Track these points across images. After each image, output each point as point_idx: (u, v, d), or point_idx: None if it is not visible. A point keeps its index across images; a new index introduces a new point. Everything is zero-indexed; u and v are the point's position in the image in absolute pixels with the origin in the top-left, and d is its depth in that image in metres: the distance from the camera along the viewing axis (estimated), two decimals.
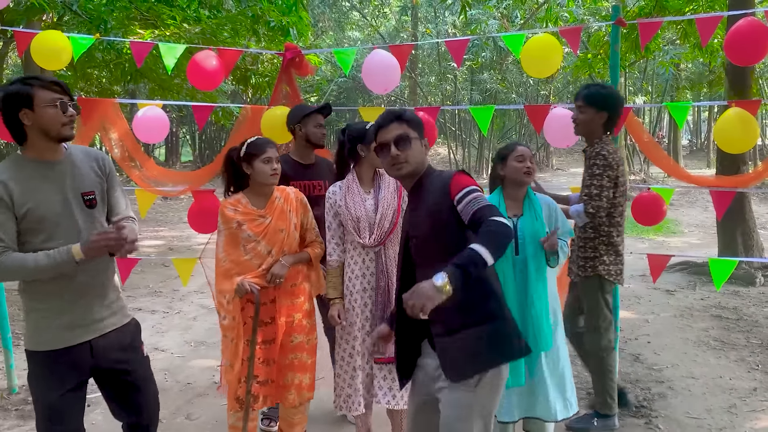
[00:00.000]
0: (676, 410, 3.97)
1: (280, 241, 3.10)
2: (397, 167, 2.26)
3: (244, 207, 3.09)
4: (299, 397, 3.19)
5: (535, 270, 2.98)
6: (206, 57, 4.23)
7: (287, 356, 3.17)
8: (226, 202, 3.12)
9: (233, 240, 3.08)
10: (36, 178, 2.31)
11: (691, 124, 37.11)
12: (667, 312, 6.23)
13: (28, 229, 2.30)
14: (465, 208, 2.11)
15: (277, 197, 3.16)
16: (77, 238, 2.33)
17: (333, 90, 24.41)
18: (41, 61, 4.08)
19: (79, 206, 2.39)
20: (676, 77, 17.58)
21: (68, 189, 2.37)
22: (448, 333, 2.18)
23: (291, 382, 3.17)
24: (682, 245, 10.05)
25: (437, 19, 21.78)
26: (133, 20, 7.23)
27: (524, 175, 3.02)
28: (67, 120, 2.31)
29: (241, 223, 3.05)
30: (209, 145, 29.76)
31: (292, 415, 3.27)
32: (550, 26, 10.22)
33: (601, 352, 3.58)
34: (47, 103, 2.26)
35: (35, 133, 2.30)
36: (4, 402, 4.19)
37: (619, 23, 4.07)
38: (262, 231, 3.07)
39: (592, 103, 3.40)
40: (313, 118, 3.73)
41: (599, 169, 3.35)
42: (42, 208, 2.30)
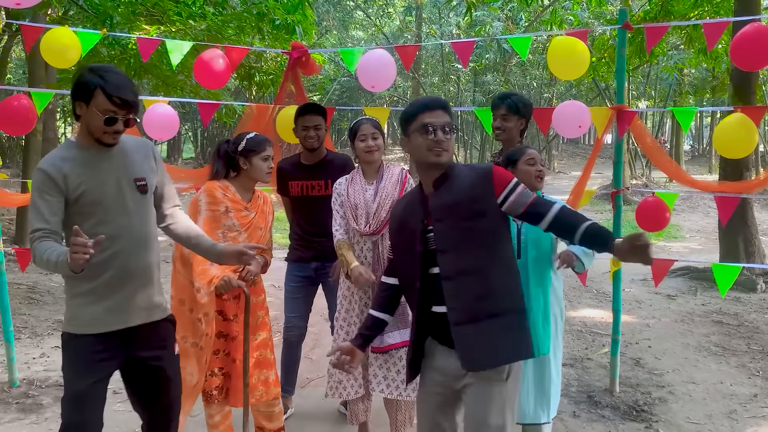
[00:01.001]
0: (676, 415, 3.97)
1: (257, 238, 3.13)
2: (438, 153, 2.19)
3: (232, 195, 3.08)
4: (267, 394, 3.20)
5: (535, 275, 2.97)
6: (213, 56, 4.23)
7: (253, 354, 3.16)
8: (216, 184, 3.08)
9: (215, 222, 3.04)
10: (90, 163, 2.32)
11: (693, 130, 37.10)
12: (668, 317, 6.22)
13: (81, 212, 2.29)
14: (518, 198, 2.17)
15: (258, 196, 3.22)
16: (128, 223, 2.36)
17: (336, 89, 24.42)
18: (50, 59, 4.09)
19: (132, 192, 2.40)
20: (680, 82, 17.57)
21: (122, 174, 2.38)
22: (470, 321, 2.14)
23: (258, 380, 3.18)
24: (683, 250, 10.05)
25: (441, 20, 21.77)
26: (138, 16, 7.23)
27: (536, 180, 3.01)
28: (110, 131, 2.29)
29: (230, 209, 3.05)
30: (211, 143, 29.80)
31: (267, 408, 3.25)
32: (555, 29, 10.22)
33: None
34: (99, 111, 2.24)
35: (83, 124, 2.31)
36: (5, 395, 4.19)
37: (625, 27, 4.07)
38: (246, 224, 3.09)
39: (515, 111, 3.51)
40: (299, 120, 3.69)
41: None
42: (97, 192, 2.31)
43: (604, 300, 6.82)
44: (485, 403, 2.16)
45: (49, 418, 3.89)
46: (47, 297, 6.83)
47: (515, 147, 3.21)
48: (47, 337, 5.53)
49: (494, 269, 2.17)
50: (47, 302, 6.65)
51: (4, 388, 4.31)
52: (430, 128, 2.17)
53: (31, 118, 4.12)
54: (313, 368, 4.72)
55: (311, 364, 4.80)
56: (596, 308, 6.61)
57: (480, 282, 2.14)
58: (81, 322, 2.36)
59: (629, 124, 4.11)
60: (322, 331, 5.34)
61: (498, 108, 3.55)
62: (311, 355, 5.01)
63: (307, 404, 4.12)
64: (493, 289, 2.16)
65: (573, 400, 4.17)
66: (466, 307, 2.14)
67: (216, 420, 3.17)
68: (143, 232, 2.44)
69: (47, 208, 2.24)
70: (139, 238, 2.42)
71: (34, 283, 7.33)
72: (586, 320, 6.14)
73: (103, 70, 2.26)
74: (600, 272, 7.65)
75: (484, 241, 2.15)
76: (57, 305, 6.55)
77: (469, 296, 2.12)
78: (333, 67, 20.81)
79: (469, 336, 2.13)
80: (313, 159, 3.76)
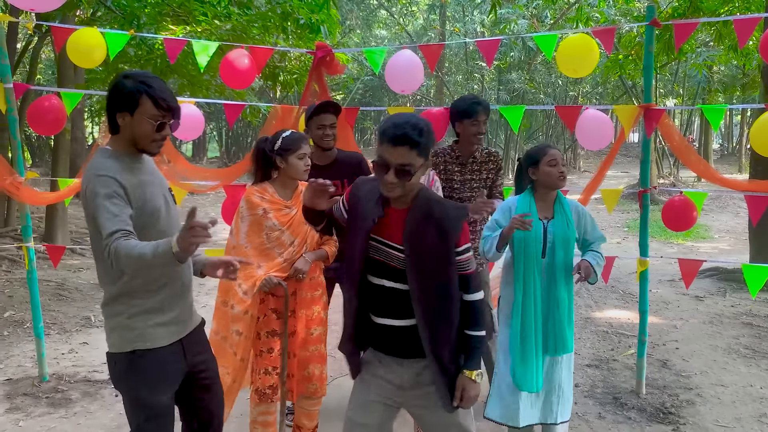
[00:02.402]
0: (704, 418, 3.91)
1: (303, 233, 3.13)
2: (388, 190, 2.13)
3: (270, 196, 3.11)
4: (321, 389, 3.23)
5: (562, 274, 2.97)
6: (239, 56, 4.27)
7: (308, 348, 3.21)
8: (253, 189, 3.14)
9: (257, 227, 3.09)
10: (136, 173, 2.26)
11: (722, 128, 36.44)
12: (696, 318, 6.12)
13: (143, 223, 2.22)
14: (463, 264, 2.20)
15: (302, 191, 3.19)
16: (168, 232, 2.29)
17: (359, 88, 24.46)
18: (76, 59, 4.16)
19: (172, 201, 2.40)
20: (709, 80, 17.26)
21: (160, 184, 2.35)
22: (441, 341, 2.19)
23: (312, 374, 3.21)
24: (712, 251, 9.88)
25: (465, 18, 21.68)
26: (165, 16, 7.31)
27: (558, 180, 3.00)
28: (159, 138, 2.25)
29: (267, 211, 3.07)
30: (236, 142, 30.04)
31: (311, 406, 3.29)
32: (581, 27, 10.11)
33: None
34: (147, 117, 2.19)
35: (126, 135, 2.24)
36: (36, 390, 4.27)
37: (653, 24, 4.01)
38: (287, 221, 3.10)
39: (488, 114, 3.72)
40: (314, 119, 3.64)
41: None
42: (153, 202, 2.26)
43: (630, 301, 6.73)
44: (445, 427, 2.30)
45: (77, 413, 3.96)
46: (75, 294, 6.95)
47: (536, 146, 3.19)
48: (75, 333, 5.62)
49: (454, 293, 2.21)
50: (75, 299, 6.76)
51: (34, 382, 4.39)
52: (382, 165, 2.08)
53: (61, 118, 4.20)
54: (335, 366, 4.73)
55: (334, 363, 4.80)
56: (622, 309, 6.52)
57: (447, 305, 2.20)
58: (153, 335, 2.27)
59: (657, 123, 4.05)
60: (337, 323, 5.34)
61: (480, 115, 3.67)
62: (335, 353, 5.00)
63: (330, 401, 4.12)
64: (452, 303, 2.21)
65: (598, 402, 4.12)
66: (436, 328, 2.18)
67: (269, 419, 3.18)
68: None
69: (120, 210, 2.09)
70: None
71: (63, 279, 7.47)
72: (612, 321, 6.07)
73: (142, 75, 2.21)
74: (626, 273, 7.55)
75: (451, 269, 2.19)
76: (85, 302, 6.66)
77: (439, 318, 2.18)
78: (356, 66, 20.85)
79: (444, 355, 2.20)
80: (325, 159, 3.71)
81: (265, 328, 3.13)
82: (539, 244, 2.97)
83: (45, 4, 3.95)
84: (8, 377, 4.52)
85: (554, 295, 2.96)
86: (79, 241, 10.17)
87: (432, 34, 23.27)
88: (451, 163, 3.77)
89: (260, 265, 3.06)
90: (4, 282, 7.26)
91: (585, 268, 2.95)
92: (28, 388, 4.30)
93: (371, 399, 2.30)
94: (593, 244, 3.11)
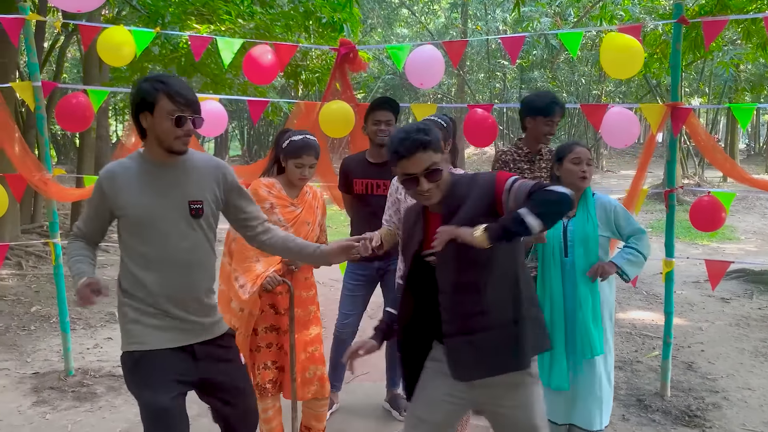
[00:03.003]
0: (731, 421, 3.84)
1: (305, 233, 3.13)
2: (426, 198, 2.12)
3: (277, 192, 3.11)
4: (323, 389, 3.21)
5: (583, 274, 2.91)
6: (262, 52, 4.29)
7: (307, 349, 3.19)
8: (261, 182, 3.12)
9: None
10: (149, 180, 2.31)
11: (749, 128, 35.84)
12: (722, 320, 6.03)
13: (127, 229, 2.33)
14: (517, 193, 2.02)
15: (306, 192, 3.22)
16: (175, 246, 2.31)
17: (380, 87, 24.47)
18: (106, 57, 4.21)
19: (184, 214, 2.34)
20: (736, 78, 16.96)
21: (177, 195, 2.33)
22: (462, 333, 2.12)
23: (314, 375, 3.19)
24: (738, 252, 9.72)
25: (487, 16, 21.58)
26: (189, 15, 7.38)
27: (580, 180, 2.94)
28: (182, 134, 2.25)
29: (275, 206, 3.07)
30: (257, 140, 30.23)
31: (318, 408, 3.28)
32: (605, 24, 10.00)
33: None
34: (165, 114, 2.22)
35: (152, 137, 2.29)
36: (62, 383, 4.34)
37: (681, 21, 3.95)
38: (292, 219, 3.10)
39: (563, 116, 3.67)
40: (371, 115, 3.70)
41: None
42: (145, 213, 2.29)
43: (655, 302, 6.65)
44: (527, 407, 2.17)
45: (102, 407, 4.01)
46: None
47: (565, 143, 3.15)
48: (100, 328, 5.70)
49: (490, 283, 2.11)
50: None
51: (61, 376, 4.46)
52: (411, 182, 2.09)
53: (88, 116, 4.26)
54: (358, 364, 4.72)
55: (356, 361, 4.81)
56: (647, 310, 6.44)
57: (474, 296, 2.11)
58: (149, 338, 2.32)
59: (684, 122, 3.98)
60: (367, 327, 5.33)
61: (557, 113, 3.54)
62: None
63: (352, 400, 4.14)
64: (488, 303, 2.11)
65: (622, 404, 4.07)
66: (459, 321, 2.12)
67: (270, 414, 3.19)
68: (191, 258, 2.36)
69: (90, 212, 2.38)
70: (185, 263, 2.35)
71: None
72: (635, 322, 5.99)
73: (159, 77, 2.26)
74: (650, 274, 7.46)
75: (480, 258, 2.06)
76: (110, 297, 6.69)
77: (462, 310, 2.10)
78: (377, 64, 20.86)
79: (460, 348, 2.12)
80: (380, 157, 3.72)
81: (263, 324, 3.11)
82: (560, 242, 2.93)
83: (87, 4, 4.01)
84: (35, 371, 4.60)
85: (578, 294, 2.91)
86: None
87: (453, 33, 23.19)
88: (519, 161, 3.66)
89: (259, 258, 3.02)
90: (31, 277, 7.38)
91: (600, 268, 2.89)
92: (54, 381, 4.37)
93: (436, 396, 2.25)
94: (630, 238, 3.00)
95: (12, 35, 4.14)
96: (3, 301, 6.23)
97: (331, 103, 4.39)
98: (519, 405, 2.16)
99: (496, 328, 2.12)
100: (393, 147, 2.08)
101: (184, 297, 2.37)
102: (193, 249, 2.36)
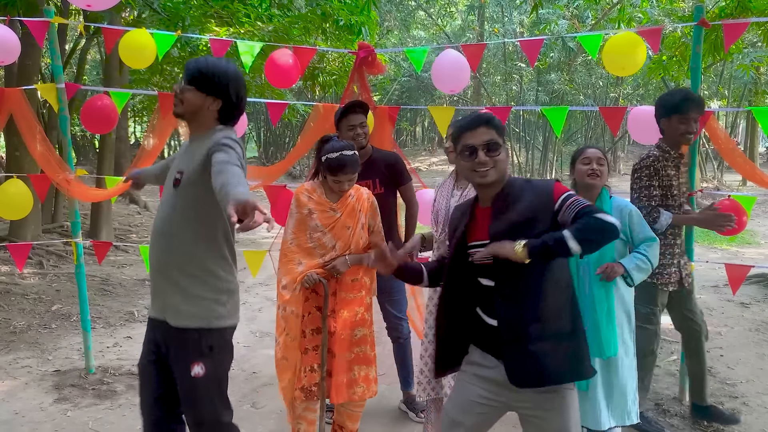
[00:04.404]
0: (750, 427, 3.81)
1: (345, 237, 3.14)
2: (482, 174, 2.14)
3: (318, 197, 3.14)
4: (368, 391, 3.20)
5: (598, 275, 2.92)
6: (283, 55, 4.33)
7: (353, 350, 3.19)
8: (303, 187, 3.20)
9: (302, 225, 3.15)
10: (180, 152, 2.55)
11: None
12: (742, 325, 5.96)
13: None
14: (568, 209, 2.06)
15: (351, 195, 3.20)
16: (161, 215, 2.44)
17: (396, 90, 24.49)
18: (128, 59, 4.28)
19: (170, 183, 2.44)
20: (756, 81, 16.78)
21: (175, 165, 2.50)
22: (521, 339, 2.09)
23: (359, 376, 3.18)
24: (759, 257, 9.61)
25: (504, 19, 21.52)
26: (209, 18, 7.45)
27: (588, 178, 2.99)
28: (177, 100, 2.42)
29: (312, 211, 3.11)
30: (274, 142, 30.34)
31: (355, 408, 3.30)
32: (623, 27, 9.94)
33: (638, 352, 3.52)
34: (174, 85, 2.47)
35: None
36: (82, 381, 4.40)
37: (702, 24, 3.92)
38: (330, 224, 3.12)
39: (702, 112, 3.48)
40: (343, 121, 3.64)
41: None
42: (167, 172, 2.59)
43: None
44: (563, 412, 2.14)
45: (122, 405, 4.06)
46: (119, 289, 7.12)
47: (578, 148, 3.19)
48: (120, 327, 5.77)
49: (548, 290, 2.12)
50: (119, 294, 6.93)
51: (81, 374, 4.53)
52: (473, 151, 2.14)
53: (113, 118, 4.33)
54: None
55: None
56: (665, 314, 6.37)
57: (533, 303, 2.10)
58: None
59: (704, 125, 3.96)
60: (382, 329, 5.36)
61: (693, 110, 3.43)
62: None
63: (368, 401, 4.12)
64: (546, 310, 2.11)
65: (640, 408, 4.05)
66: (518, 326, 2.10)
67: (311, 417, 3.21)
68: (167, 228, 2.38)
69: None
70: (161, 233, 2.40)
71: (107, 275, 7.66)
72: None
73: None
74: None
75: (539, 264, 2.08)
76: (129, 297, 6.82)
77: (522, 316, 2.09)
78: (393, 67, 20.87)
79: (519, 354, 2.10)
80: (360, 158, 3.74)
81: (311, 326, 3.16)
82: None
83: (101, 3, 4.07)
84: (57, 368, 4.67)
85: (591, 296, 2.92)
86: (123, 237, 10.42)
87: (470, 35, 23.15)
88: (666, 166, 3.47)
89: (301, 261, 3.09)
90: (52, 276, 7.48)
91: (609, 268, 2.88)
92: (75, 379, 4.44)
93: (471, 399, 2.26)
94: (641, 245, 3.02)
95: (38, 37, 4.23)
96: (25, 300, 6.33)
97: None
98: (555, 410, 2.16)
99: (554, 337, 2.11)
100: (459, 124, 2.22)
101: (160, 268, 2.41)
102: (167, 218, 2.39)
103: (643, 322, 3.56)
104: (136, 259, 8.80)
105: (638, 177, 3.50)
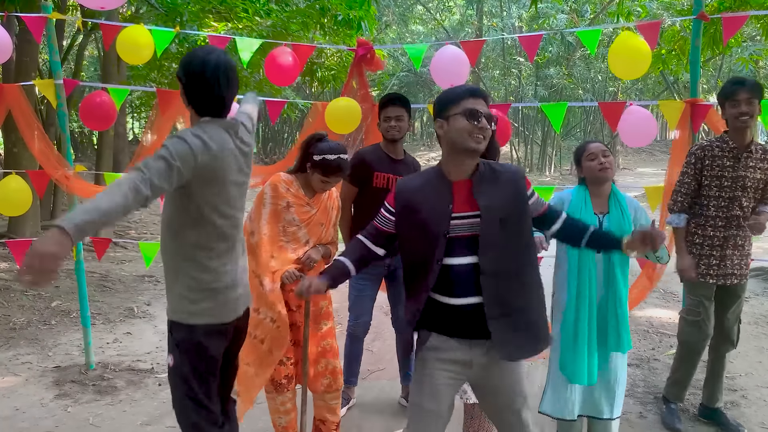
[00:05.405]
0: (749, 420, 3.82)
1: (318, 233, 3.17)
2: (478, 140, 2.16)
3: (296, 190, 3.11)
4: (336, 382, 3.24)
5: (619, 269, 2.93)
6: (283, 53, 4.32)
7: (319, 343, 3.22)
8: (281, 178, 3.11)
9: (276, 217, 3.08)
10: None
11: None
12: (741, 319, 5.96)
13: None
14: (537, 201, 2.32)
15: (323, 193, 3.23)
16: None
17: (394, 85, 24.46)
18: (126, 56, 4.26)
19: None
20: (755, 75, 16.79)
21: None
22: (506, 315, 2.18)
23: (326, 368, 3.22)
24: (757, 250, 9.60)
25: (503, 13, 21.50)
26: (207, 13, 7.44)
27: (600, 173, 2.97)
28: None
29: (291, 204, 3.08)
30: (273, 138, 30.33)
31: (331, 400, 3.30)
32: (622, 21, 9.93)
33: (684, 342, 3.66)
34: None
35: None
36: (83, 377, 4.41)
37: (701, 17, 3.92)
38: (307, 219, 3.12)
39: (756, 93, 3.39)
40: (382, 111, 3.72)
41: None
42: None
43: (672, 300, 6.61)
44: (514, 377, 2.28)
45: (123, 401, 4.07)
46: (119, 285, 7.13)
47: (579, 145, 3.19)
48: (119, 323, 5.77)
49: (524, 268, 2.24)
50: (119, 290, 6.93)
51: (82, 370, 4.53)
52: (476, 114, 2.15)
53: (112, 114, 4.32)
54: (373, 360, 4.77)
55: (372, 356, 4.85)
56: (663, 308, 6.41)
57: (514, 280, 2.20)
58: None
59: (704, 119, 3.97)
60: (382, 323, 5.38)
61: (740, 92, 3.38)
62: (372, 347, 5.05)
63: (368, 395, 4.17)
64: (524, 287, 2.24)
65: (639, 401, 4.07)
66: (505, 301, 2.18)
67: (288, 407, 3.23)
68: (163, 220, 2.42)
69: None
70: (162, 225, 2.44)
71: (107, 271, 7.66)
72: (653, 320, 5.97)
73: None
74: (667, 272, 7.40)
75: (525, 240, 2.23)
76: (128, 293, 6.82)
77: (505, 293, 2.19)
78: (392, 62, 20.86)
79: (506, 329, 2.18)
80: (398, 153, 3.75)
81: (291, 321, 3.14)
82: None
83: (112, 2, 4.06)
84: (57, 364, 4.67)
85: (613, 289, 2.93)
86: (122, 234, 10.42)
87: (469, 30, 23.13)
88: (721, 157, 3.46)
89: (273, 256, 3.04)
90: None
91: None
92: (75, 375, 4.44)
93: (440, 384, 2.28)
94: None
95: (35, 33, 4.21)
96: (24, 296, 6.33)
97: (338, 100, 4.41)
98: (508, 373, 2.28)
99: (530, 310, 2.24)
100: (463, 89, 2.22)
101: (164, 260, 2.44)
102: (165, 212, 2.39)
103: (686, 313, 3.71)
104: (136, 255, 8.80)
105: (684, 162, 3.59)
